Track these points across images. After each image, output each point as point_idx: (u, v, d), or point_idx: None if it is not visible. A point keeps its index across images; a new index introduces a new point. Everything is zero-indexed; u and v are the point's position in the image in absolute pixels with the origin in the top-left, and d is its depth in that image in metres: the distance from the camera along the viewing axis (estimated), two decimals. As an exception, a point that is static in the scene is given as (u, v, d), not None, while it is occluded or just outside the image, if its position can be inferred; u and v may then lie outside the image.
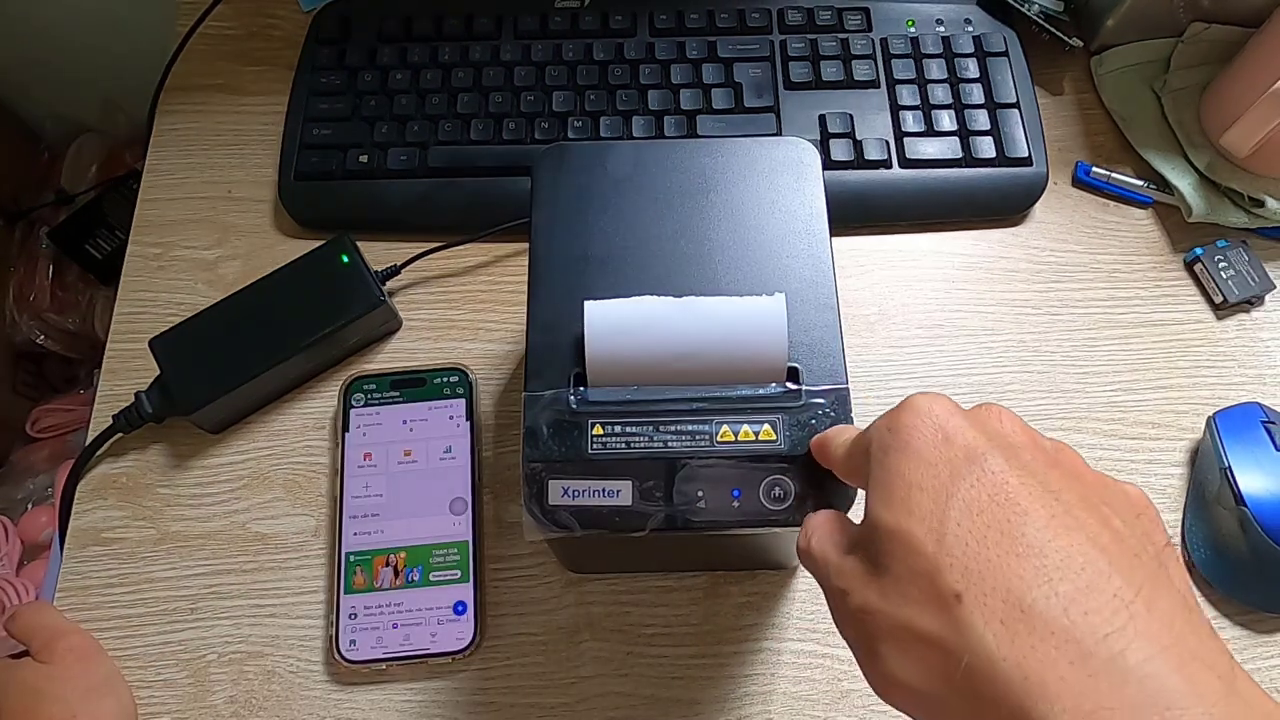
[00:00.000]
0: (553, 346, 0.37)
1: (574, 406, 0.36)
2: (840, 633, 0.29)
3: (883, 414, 0.29)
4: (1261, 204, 0.55)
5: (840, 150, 0.57)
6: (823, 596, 0.47)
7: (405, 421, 0.51)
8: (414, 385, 0.52)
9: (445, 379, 0.52)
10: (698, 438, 0.36)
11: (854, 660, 0.41)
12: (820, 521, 0.31)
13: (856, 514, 0.31)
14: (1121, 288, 0.56)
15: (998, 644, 0.22)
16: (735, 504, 0.35)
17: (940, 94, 0.58)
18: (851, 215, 0.57)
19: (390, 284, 0.55)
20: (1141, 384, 0.54)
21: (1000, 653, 0.22)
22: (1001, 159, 0.57)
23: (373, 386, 0.52)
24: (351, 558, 0.48)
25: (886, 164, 0.57)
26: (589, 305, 0.36)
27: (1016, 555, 0.23)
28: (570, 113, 0.58)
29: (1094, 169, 0.59)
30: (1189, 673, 0.21)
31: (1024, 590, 0.22)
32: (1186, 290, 0.56)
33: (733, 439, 0.36)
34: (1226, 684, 0.21)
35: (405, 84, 0.59)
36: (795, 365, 0.37)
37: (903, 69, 0.59)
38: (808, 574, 0.49)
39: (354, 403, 0.51)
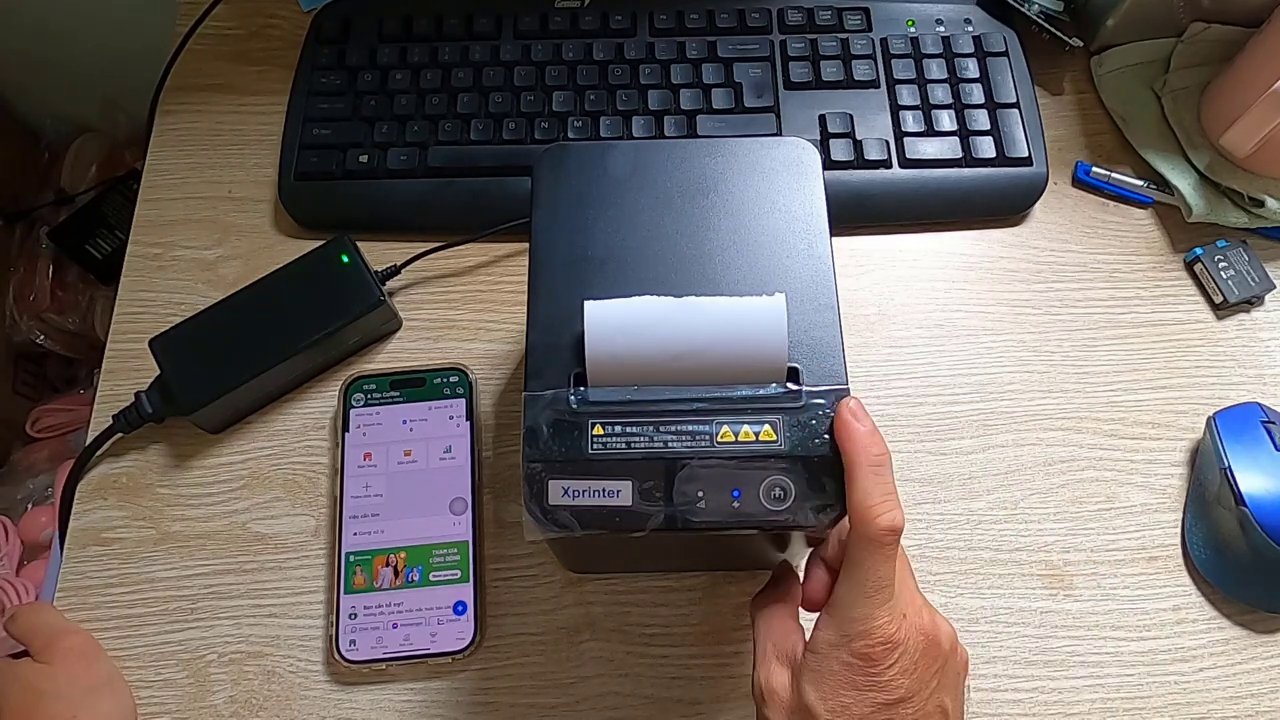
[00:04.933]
0: (553, 346, 0.37)
1: (574, 406, 0.36)
2: (753, 700, 0.37)
3: (863, 615, 0.33)
4: (1261, 204, 0.55)
5: (840, 150, 0.57)
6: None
7: (405, 421, 0.51)
8: (414, 385, 0.52)
9: (445, 379, 0.52)
10: (698, 438, 0.36)
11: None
12: (770, 606, 0.39)
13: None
14: (1121, 288, 0.56)
15: None
16: (735, 504, 0.35)
17: (940, 94, 0.58)
18: (851, 215, 0.57)
19: (390, 284, 0.55)
20: (1141, 384, 0.54)
21: None
22: (1001, 159, 0.57)
23: (373, 386, 0.52)
24: (351, 558, 0.48)
25: (886, 164, 0.57)
26: (589, 305, 0.36)
27: None
28: (570, 113, 0.58)
29: (1094, 169, 0.59)
30: None
31: None
32: (1186, 290, 0.56)
33: (733, 439, 0.36)
34: None
35: (405, 84, 0.59)
36: (795, 365, 0.37)
37: (903, 69, 0.59)
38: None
39: (354, 403, 0.51)
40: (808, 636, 0.36)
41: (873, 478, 0.34)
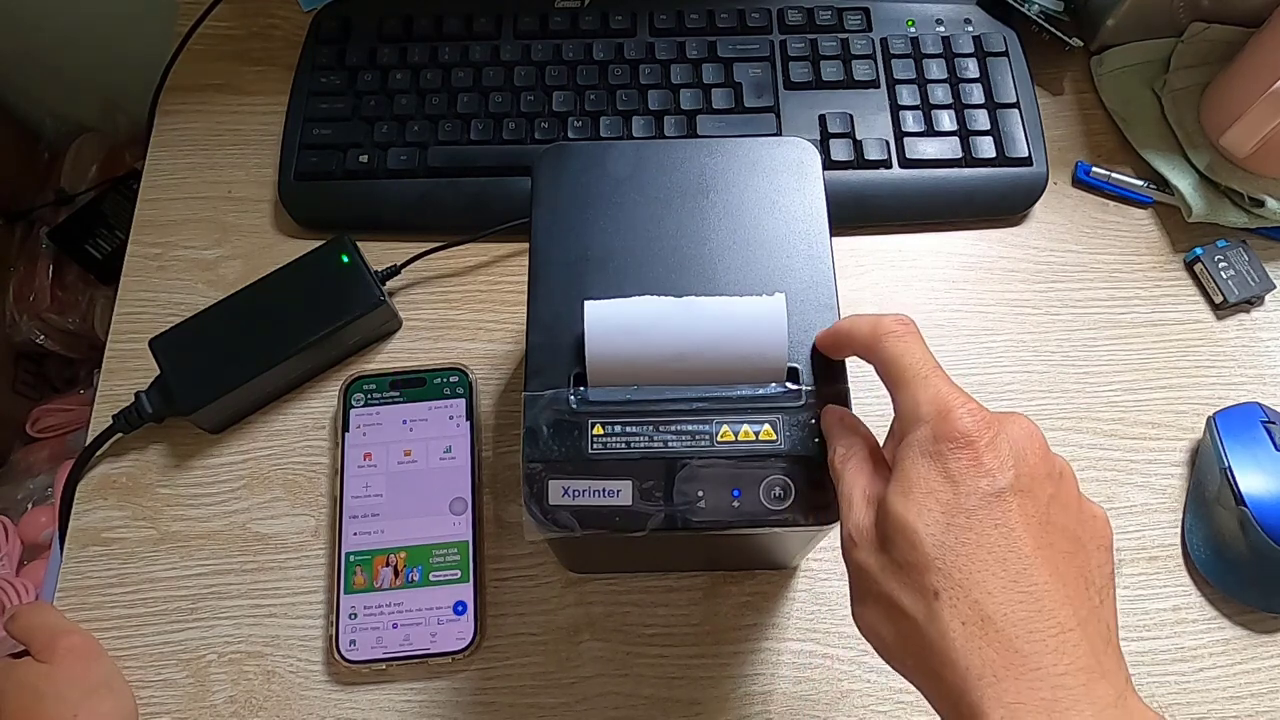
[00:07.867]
0: (553, 346, 0.37)
1: (574, 406, 0.36)
2: (842, 557, 0.32)
3: (931, 397, 0.31)
4: (1261, 204, 0.55)
5: (840, 150, 0.57)
6: (822, 598, 0.48)
7: (405, 421, 0.51)
8: (414, 385, 0.52)
9: (445, 379, 0.52)
10: (698, 438, 0.36)
11: (854, 661, 0.41)
12: (858, 456, 0.33)
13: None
14: (1121, 288, 0.56)
15: (957, 638, 0.27)
16: (735, 504, 0.35)
17: (940, 94, 0.58)
18: (851, 215, 0.57)
19: (390, 284, 0.55)
20: (1141, 384, 0.54)
21: (957, 645, 0.27)
22: (1001, 159, 0.57)
23: (373, 386, 0.52)
24: (351, 558, 0.48)
25: (886, 164, 0.57)
26: (589, 305, 0.36)
27: (996, 576, 0.27)
28: (570, 113, 0.58)
29: (1094, 169, 0.59)
30: (1092, 684, 0.26)
31: (992, 606, 0.27)
32: (1186, 290, 0.56)
33: (733, 439, 0.36)
34: (1118, 694, 0.26)
35: (405, 84, 0.59)
36: (795, 365, 0.37)
37: (903, 69, 0.59)
38: (808, 574, 0.49)
39: (354, 403, 0.51)
40: None
41: (841, 324, 0.35)
